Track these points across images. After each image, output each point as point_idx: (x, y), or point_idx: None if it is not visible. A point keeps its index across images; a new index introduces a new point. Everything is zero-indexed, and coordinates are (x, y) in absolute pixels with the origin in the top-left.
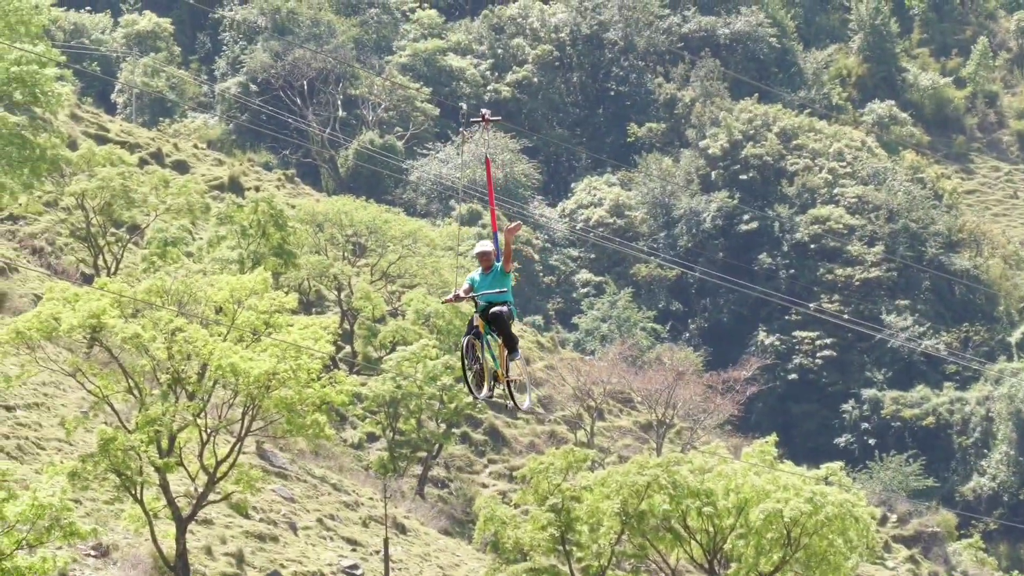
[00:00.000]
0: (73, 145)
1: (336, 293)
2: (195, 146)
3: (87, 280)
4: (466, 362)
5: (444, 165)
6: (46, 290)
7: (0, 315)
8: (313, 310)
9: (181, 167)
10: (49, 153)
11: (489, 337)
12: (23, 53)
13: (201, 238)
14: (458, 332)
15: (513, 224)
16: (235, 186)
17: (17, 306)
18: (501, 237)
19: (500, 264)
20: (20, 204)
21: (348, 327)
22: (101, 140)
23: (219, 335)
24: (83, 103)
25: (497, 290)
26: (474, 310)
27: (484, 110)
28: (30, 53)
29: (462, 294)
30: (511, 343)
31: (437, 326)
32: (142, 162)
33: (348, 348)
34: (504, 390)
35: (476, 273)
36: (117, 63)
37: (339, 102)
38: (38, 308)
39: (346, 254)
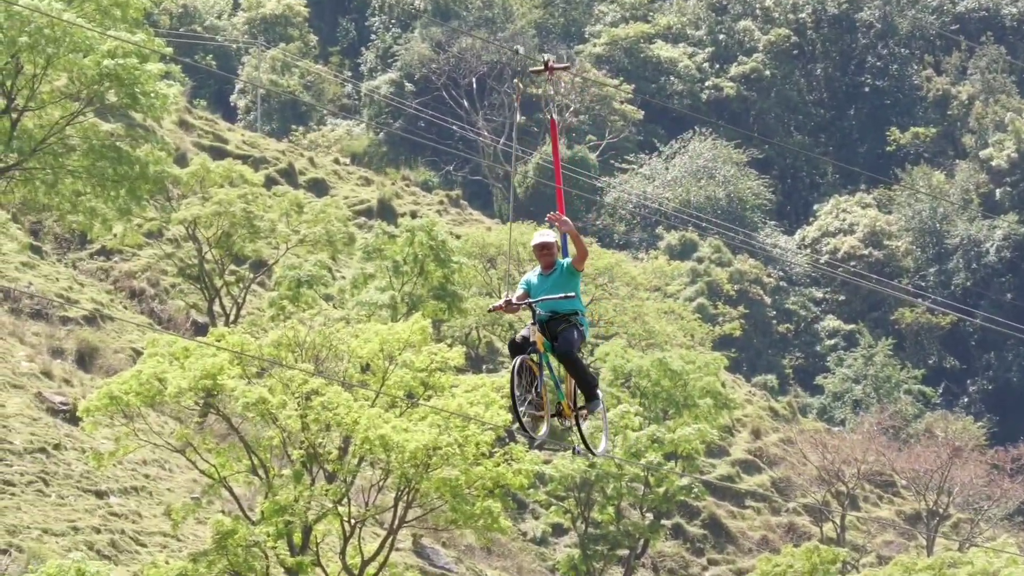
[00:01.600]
0: (182, 160)
1: None
2: (336, 161)
3: (200, 331)
4: (517, 391)
5: (650, 183)
6: (148, 343)
7: (89, 375)
8: (484, 367)
9: (318, 187)
10: (152, 170)
11: (552, 356)
12: (119, 43)
13: (343, 277)
14: (669, 397)
15: (557, 216)
16: (386, 211)
17: (111, 364)
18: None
19: (567, 260)
20: (115, 235)
21: None
22: (217, 153)
23: (366, 400)
24: (195, 106)
25: (561, 294)
26: (531, 320)
27: (548, 56)
28: (128, 43)
29: (516, 300)
30: (585, 384)
31: (640, 387)
32: (269, 181)
33: None
34: (574, 430)
35: (533, 273)
36: (238, 56)
37: (517, 104)
38: (137, 366)
39: None
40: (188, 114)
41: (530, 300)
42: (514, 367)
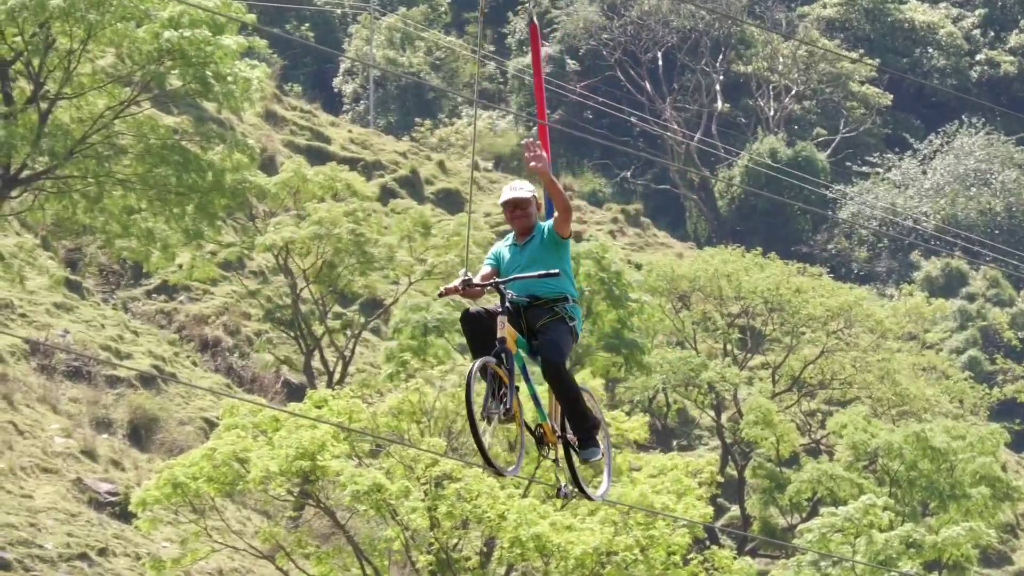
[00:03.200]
0: (269, 165)
1: (712, 414)
2: (474, 165)
3: (294, 394)
4: (475, 407)
5: (901, 192)
6: (224, 412)
7: (146, 455)
8: (674, 443)
9: (451, 201)
10: (229, 179)
11: (529, 358)
12: (184, 8)
13: None
14: (929, 485)
15: (534, 146)
16: None
17: (175, 440)
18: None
19: (550, 224)
20: (180, 266)
21: (735, 473)
22: (317, 156)
23: (516, 487)
24: (286, 94)
25: (542, 272)
26: (499, 311)
27: None
28: (197, 8)
29: (478, 281)
30: (576, 414)
31: (890, 471)
32: (386, 193)
33: (735, 509)
34: (560, 461)
35: (504, 243)
36: (343, 26)
37: (718, 88)
38: (210, 443)
39: (730, 346)
40: (277, 104)
41: (498, 280)
42: (471, 372)
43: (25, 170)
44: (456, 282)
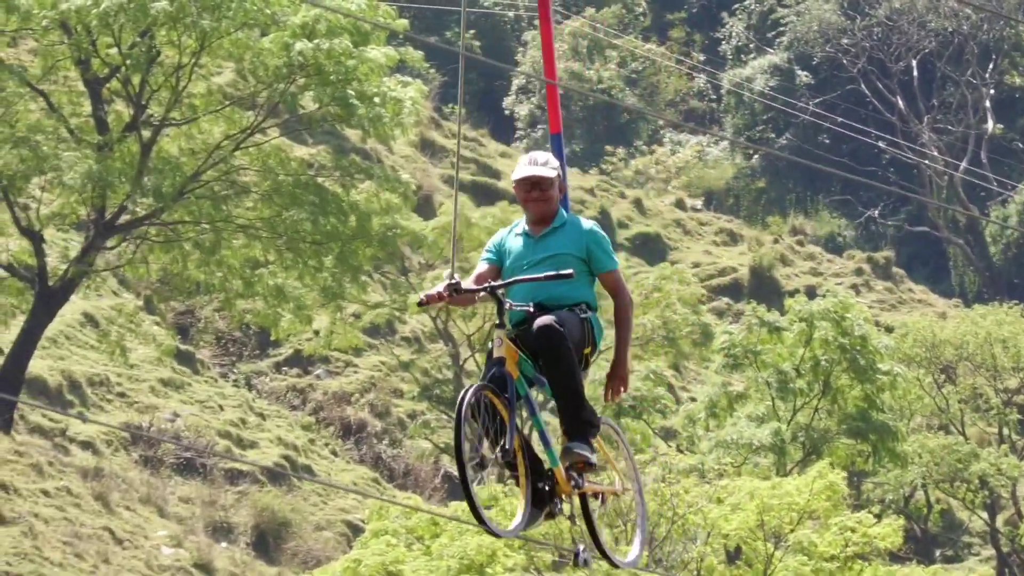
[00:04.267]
0: (426, 205)
1: (985, 516)
2: (679, 203)
3: (456, 491)
4: (466, 447)
5: None
6: (371, 514)
7: (275, 568)
8: (937, 553)
9: (650, 248)
10: (376, 224)
11: (536, 391)
12: (321, 12)
13: (693, 398)
14: None
15: (615, 385)
16: (765, 286)
17: (310, 549)
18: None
19: (582, 222)
20: (317, 333)
21: None
22: (484, 194)
23: None
24: (447, 117)
25: (550, 273)
26: (495, 323)
27: None
28: (338, 12)
29: (471, 285)
30: (571, 401)
31: None
32: None
33: None
34: (577, 518)
35: (512, 232)
36: (515, 33)
37: (988, 104)
38: (354, 553)
39: (1007, 430)
40: (435, 130)
41: (494, 284)
42: (462, 403)
43: (124, 214)
44: (439, 287)
